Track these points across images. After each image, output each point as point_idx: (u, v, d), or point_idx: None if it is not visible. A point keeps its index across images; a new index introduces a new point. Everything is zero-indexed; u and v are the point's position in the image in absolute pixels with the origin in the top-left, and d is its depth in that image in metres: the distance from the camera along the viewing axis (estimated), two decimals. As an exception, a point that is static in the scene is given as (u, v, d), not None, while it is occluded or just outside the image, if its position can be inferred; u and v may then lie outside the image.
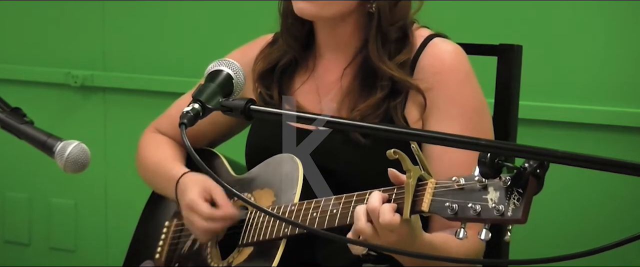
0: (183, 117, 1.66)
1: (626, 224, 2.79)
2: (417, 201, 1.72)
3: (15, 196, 3.85)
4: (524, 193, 1.55)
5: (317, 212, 1.94)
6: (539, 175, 1.53)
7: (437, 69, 2.05)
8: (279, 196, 2.07)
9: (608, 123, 2.83)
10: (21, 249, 3.88)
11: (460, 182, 1.65)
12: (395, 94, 2.06)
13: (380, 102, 2.05)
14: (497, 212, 1.57)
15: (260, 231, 2.06)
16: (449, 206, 1.64)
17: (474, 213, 1.60)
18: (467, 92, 2.06)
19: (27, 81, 3.71)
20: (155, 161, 2.32)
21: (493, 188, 1.59)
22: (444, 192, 1.67)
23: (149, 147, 2.36)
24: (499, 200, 1.58)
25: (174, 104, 2.38)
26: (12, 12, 3.72)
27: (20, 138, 1.75)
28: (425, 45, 2.08)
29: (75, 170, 1.70)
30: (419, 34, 2.11)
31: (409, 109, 2.07)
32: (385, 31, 2.06)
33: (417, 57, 2.07)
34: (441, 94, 2.04)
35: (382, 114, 2.05)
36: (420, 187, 1.72)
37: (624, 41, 2.83)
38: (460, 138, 1.55)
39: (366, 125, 1.69)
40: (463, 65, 2.07)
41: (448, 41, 2.10)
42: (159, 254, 2.30)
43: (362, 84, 2.09)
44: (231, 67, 1.75)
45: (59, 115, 3.68)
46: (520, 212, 1.55)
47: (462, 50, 2.09)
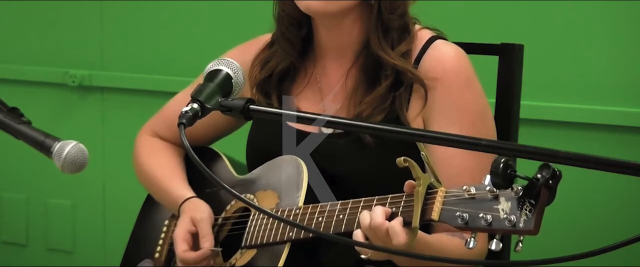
0: (182, 117, 1.65)
1: (628, 225, 2.79)
2: (426, 209, 1.70)
3: (12, 197, 3.84)
4: (536, 204, 1.54)
5: (322, 217, 1.93)
6: (551, 186, 1.51)
7: (438, 72, 2.04)
8: (283, 198, 2.06)
9: (610, 123, 2.83)
10: (19, 250, 3.87)
11: (471, 191, 1.63)
12: (399, 85, 2.04)
13: (385, 93, 2.04)
14: (508, 223, 1.56)
15: (264, 233, 2.05)
16: (459, 216, 1.63)
17: (485, 223, 1.59)
18: (469, 95, 2.04)
19: (24, 81, 3.71)
20: (157, 175, 2.31)
21: (505, 198, 1.58)
22: (454, 202, 1.66)
23: (147, 154, 2.35)
24: (511, 210, 1.56)
25: (168, 104, 2.37)
26: (10, 12, 3.71)
27: (18, 138, 1.74)
28: (428, 47, 2.07)
29: (73, 170, 1.70)
30: (421, 35, 2.09)
31: (413, 103, 2.05)
32: (386, 20, 2.05)
33: (419, 59, 2.06)
34: (443, 98, 2.03)
35: (387, 108, 2.04)
36: (430, 195, 1.70)
37: (626, 41, 2.82)
38: (461, 138, 1.54)
39: (368, 126, 1.68)
40: (464, 68, 2.06)
41: (450, 44, 2.09)
42: (158, 253, 2.29)
43: (367, 79, 2.07)
44: (230, 66, 1.74)
45: (57, 115, 3.68)
46: (532, 223, 1.54)
47: (463, 53, 2.08)
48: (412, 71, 2.03)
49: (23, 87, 3.70)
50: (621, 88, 2.83)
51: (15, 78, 3.72)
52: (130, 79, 3.55)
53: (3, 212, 3.87)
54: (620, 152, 2.80)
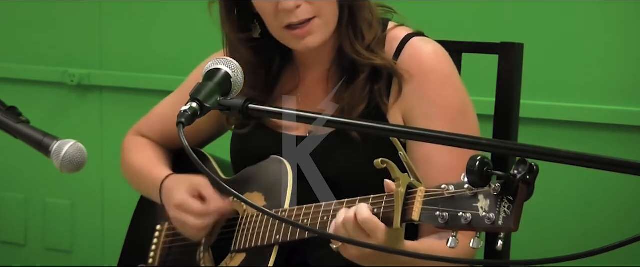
0: (181, 116, 1.64)
1: (629, 224, 2.78)
2: (407, 210, 1.70)
3: (10, 196, 3.84)
4: (514, 200, 1.53)
5: (307, 219, 1.93)
6: (528, 181, 1.50)
7: (415, 69, 2.02)
8: (270, 200, 2.05)
9: (610, 122, 2.83)
10: (17, 250, 3.87)
11: (450, 189, 1.62)
12: (378, 77, 2.03)
13: (364, 85, 2.02)
14: (488, 221, 1.55)
15: (252, 237, 2.04)
16: (439, 215, 1.62)
17: (465, 222, 1.58)
18: (448, 93, 2.02)
19: (23, 80, 3.70)
20: (138, 165, 2.30)
21: (483, 196, 1.56)
22: (434, 201, 1.65)
23: (131, 152, 2.35)
24: (490, 208, 1.55)
25: (155, 108, 2.37)
26: (8, 11, 3.71)
27: (16, 137, 1.74)
28: (404, 46, 2.05)
29: (72, 170, 1.69)
30: (395, 34, 2.07)
31: (393, 93, 2.04)
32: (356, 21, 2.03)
33: (395, 58, 2.04)
34: (421, 95, 2.01)
35: (367, 96, 2.02)
36: (410, 195, 1.70)
37: (626, 39, 2.82)
38: (460, 137, 1.53)
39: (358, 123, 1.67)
40: (442, 65, 2.03)
41: (427, 40, 2.07)
42: (151, 258, 2.28)
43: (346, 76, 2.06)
44: (229, 65, 1.73)
45: (56, 114, 3.67)
46: (511, 221, 1.53)
47: (442, 49, 2.06)
48: (386, 61, 2.01)
49: (21, 86, 3.70)
50: (621, 87, 2.83)
51: (14, 77, 3.71)
52: (129, 78, 3.54)
53: (1, 212, 3.87)
54: (620, 152, 2.80)
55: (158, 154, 2.32)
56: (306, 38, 2.01)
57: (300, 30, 2.00)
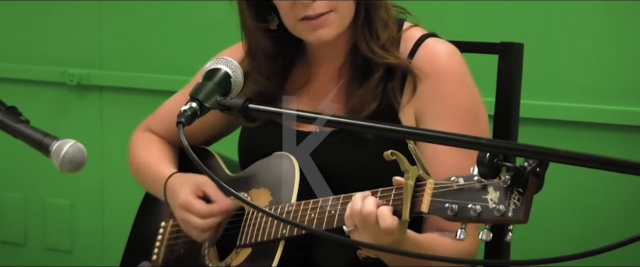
0: (180, 116, 1.64)
1: (628, 224, 2.79)
2: (416, 202, 1.70)
3: (10, 196, 3.84)
4: (524, 192, 1.53)
5: (315, 213, 1.93)
6: (538, 174, 1.51)
7: (429, 69, 2.03)
8: (276, 195, 2.06)
9: (610, 122, 2.83)
10: (17, 250, 3.86)
11: (459, 182, 1.63)
12: (391, 76, 2.04)
13: (377, 84, 2.04)
14: (497, 213, 1.56)
15: (258, 232, 2.04)
16: (448, 207, 1.63)
17: (474, 214, 1.59)
18: (460, 94, 2.03)
19: (23, 80, 3.70)
20: (145, 162, 2.30)
21: (493, 188, 1.57)
22: (443, 193, 1.65)
23: (138, 147, 2.35)
24: (499, 200, 1.56)
25: (164, 104, 2.36)
26: (8, 11, 3.71)
27: (16, 137, 1.74)
28: (419, 46, 2.06)
29: (72, 169, 1.69)
30: (410, 34, 2.09)
31: (406, 91, 2.04)
32: (371, 19, 2.04)
33: (410, 58, 2.05)
34: (434, 95, 2.02)
35: (380, 95, 2.03)
36: (419, 187, 1.70)
37: (627, 39, 2.82)
38: (461, 137, 1.53)
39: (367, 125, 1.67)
40: (456, 66, 2.05)
41: (441, 41, 2.08)
42: (155, 255, 2.28)
43: (359, 74, 2.07)
44: (229, 65, 1.74)
45: (55, 114, 3.67)
46: (521, 212, 1.54)
47: (456, 50, 2.07)
48: (400, 60, 2.02)
49: (21, 86, 3.70)
50: (621, 87, 2.83)
51: (14, 77, 3.71)
52: (129, 78, 3.54)
53: (1, 212, 3.87)
54: (620, 152, 2.80)
55: (164, 151, 2.32)
56: (320, 30, 2.02)
57: (315, 21, 2.01)
